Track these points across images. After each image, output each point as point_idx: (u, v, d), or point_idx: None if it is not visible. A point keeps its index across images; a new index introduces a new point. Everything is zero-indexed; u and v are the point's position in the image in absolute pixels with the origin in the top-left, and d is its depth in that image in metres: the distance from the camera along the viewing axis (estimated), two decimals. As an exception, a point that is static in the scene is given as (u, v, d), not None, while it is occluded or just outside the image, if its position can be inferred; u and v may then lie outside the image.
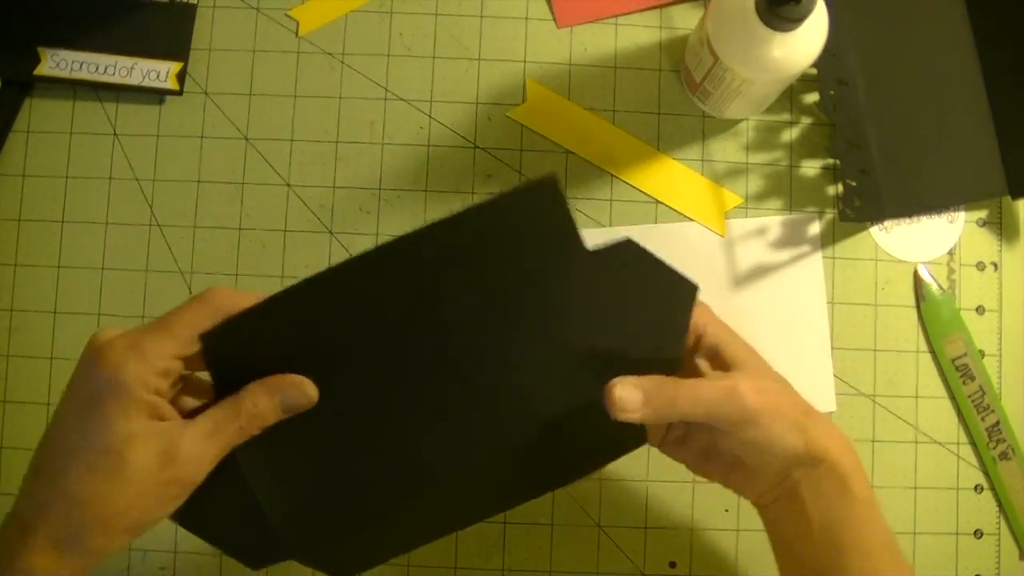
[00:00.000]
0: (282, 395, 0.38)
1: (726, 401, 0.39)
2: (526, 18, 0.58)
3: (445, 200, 0.57)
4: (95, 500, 0.35)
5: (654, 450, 0.46)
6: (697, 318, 0.42)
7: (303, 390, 0.39)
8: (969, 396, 0.55)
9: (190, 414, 0.38)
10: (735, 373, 0.41)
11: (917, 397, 0.56)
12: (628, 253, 0.39)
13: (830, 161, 0.57)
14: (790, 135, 0.58)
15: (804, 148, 0.58)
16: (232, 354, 0.38)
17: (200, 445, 0.37)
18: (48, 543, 0.35)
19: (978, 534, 0.55)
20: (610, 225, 0.56)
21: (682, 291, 0.40)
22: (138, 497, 0.36)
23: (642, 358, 0.40)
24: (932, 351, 0.56)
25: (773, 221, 0.57)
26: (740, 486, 0.45)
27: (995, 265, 0.57)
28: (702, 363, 0.43)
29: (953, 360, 0.56)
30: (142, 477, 0.36)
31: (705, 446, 0.44)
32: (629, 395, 0.39)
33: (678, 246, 0.56)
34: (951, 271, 0.57)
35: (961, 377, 0.56)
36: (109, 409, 0.35)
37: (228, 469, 0.38)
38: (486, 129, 0.57)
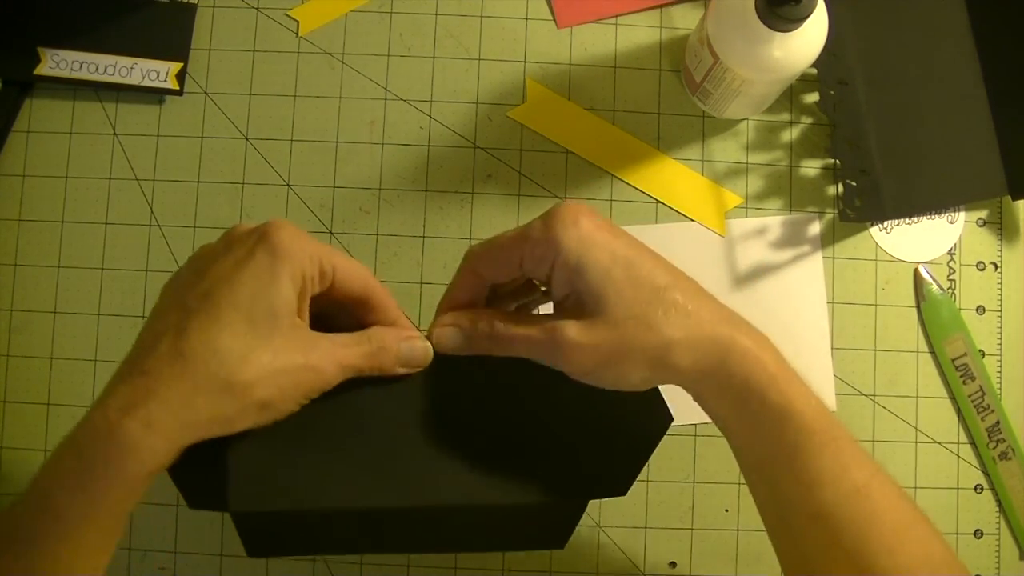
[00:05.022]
0: (407, 344, 0.39)
1: (543, 352, 0.38)
2: (526, 18, 0.58)
3: (445, 200, 0.57)
4: (247, 357, 0.34)
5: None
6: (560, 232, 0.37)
7: (424, 348, 0.39)
8: (969, 396, 0.55)
9: None
10: (566, 323, 0.37)
11: (917, 397, 0.56)
12: None
13: (830, 161, 0.57)
14: (790, 135, 0.58)
15: (804, 148, 0.58)
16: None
17: (337, 349, 0.37)
18: (179, 398, 0.33)
19: (978, 534, 0.55)
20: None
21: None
22: (282, 372, 0.35)
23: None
24: (932, 351, 0.56)
25: (773, 221, 0.57)
26: None
27: (995, 265, 0.57)
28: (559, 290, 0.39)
29: (953, 360, 0.56)
30: (293, 347, 0.35)
31: None
32: (448, 336, 0.39)
33: (678, 246, 0.56)
34: (951, 271, 0.57)
35: (961, 377, 0.56)
36: (281, 274, 0.35)
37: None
38: (486, 129, 0.57)
